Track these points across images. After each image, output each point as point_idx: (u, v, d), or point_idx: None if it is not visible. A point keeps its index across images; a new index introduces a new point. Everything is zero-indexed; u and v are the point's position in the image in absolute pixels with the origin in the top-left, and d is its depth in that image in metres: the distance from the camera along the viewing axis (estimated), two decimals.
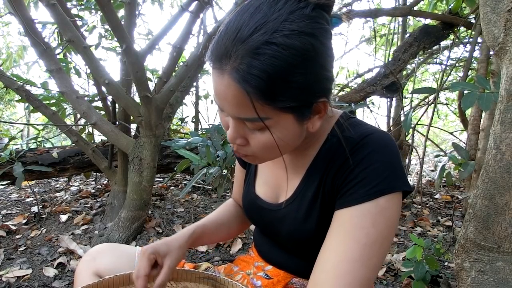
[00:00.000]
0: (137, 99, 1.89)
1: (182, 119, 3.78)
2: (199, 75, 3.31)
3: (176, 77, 1.83)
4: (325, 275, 0.52)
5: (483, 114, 2.08)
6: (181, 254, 0.68)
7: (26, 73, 4.71)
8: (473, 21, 2.65)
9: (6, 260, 1.68)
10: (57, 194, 2.74)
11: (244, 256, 0.87)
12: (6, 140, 2.99)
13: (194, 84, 3.45)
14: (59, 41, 2.50)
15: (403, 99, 3.19)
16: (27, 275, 1.53)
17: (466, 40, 3.00)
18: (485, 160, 0.99)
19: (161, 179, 3.27)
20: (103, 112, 2.41)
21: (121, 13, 2.38)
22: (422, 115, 3.14)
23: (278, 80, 0.47)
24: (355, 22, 4.09)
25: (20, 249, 1.78)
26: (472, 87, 1.39)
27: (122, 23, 1.77)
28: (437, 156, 3.94)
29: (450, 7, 2.95)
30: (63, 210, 2.25)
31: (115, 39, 2.07)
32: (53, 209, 2.28)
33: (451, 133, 4.37)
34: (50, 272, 1.55)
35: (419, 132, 3.54)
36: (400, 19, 3.38)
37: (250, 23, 0.47)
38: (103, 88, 2.27)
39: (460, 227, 1.86)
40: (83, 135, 2.72)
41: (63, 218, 2.12)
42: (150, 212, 2.17)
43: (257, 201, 0.73)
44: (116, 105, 2.17)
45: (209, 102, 4.36)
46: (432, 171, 4.23)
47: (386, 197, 0.53)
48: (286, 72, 0.47)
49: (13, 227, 2.01)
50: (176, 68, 2.21)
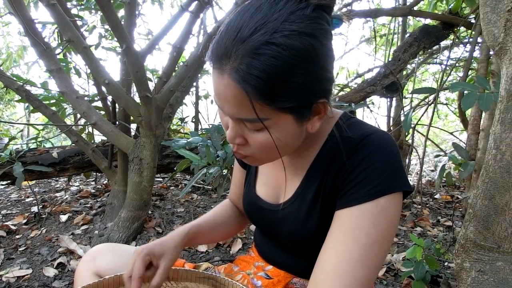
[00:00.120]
0: (137, 99, 1.89)
1: (182, 119, 3.78)
2: (199, 75, 3.31)
3: (176, 77, 1.83)
4: (325, 275, 0.52)
5: (483, 114, 2.08)
6: (176, 254, 0.68)
7: (26, 73, 4.71)
8: (473, 21, 2.65)
9: (6, 260, 1.68)
10: (57, 194, 2.74)
11: (244, 256, 0.87)
12: (6, 140, 2.99)
13: (194, 84, 3.45)
14: (59, 41, 2.51)
15: (403, 99, 3.19)
16: (27, 275, 1.53)
17: (466, 40, 3.00)
18: (485, 160, 0.99)
19: (161, 179, 3.27)
20: (103, 112, 2.41)
21: (121, 13, 2.38)
22: (422, 115, 3.14)
23: (277, 81, 0.47)
24: (355, 22, 4.10)
25: (20, 249, 1.78)
26: (472, 87, 1.39)
27: (122, 23, 1.77)
28: (437, 156, 3.94)
29: (450, 7, 2.95)
30: (63, 210, 2.25)
31: (115, 39, 2.07)
32: (53, 209, 2.28)
33: (451, 133, 4.37)
34: (50, 272, 1.55)
35: (419, 132, 3.54)
36: (400, 19, 3.38)
37: (250, 23, 0.47)
38: (103, 88, 2.27)
39: (460, 227, 1.86)
40: (83, 135, 2.72)
41: (63, 218, 2.12)
42: (150, 212, 2.17)
43: (257, 202, 0.73)
44: (116, 105, 2.17)
45: (209, 102, 4.36)
46: (432, 171, 4.23)
47: (387, 197, 0.53)
48: (286, 73, 0.47)
49: (13, 227, 2.01)
50: (176, 68, 2.21)
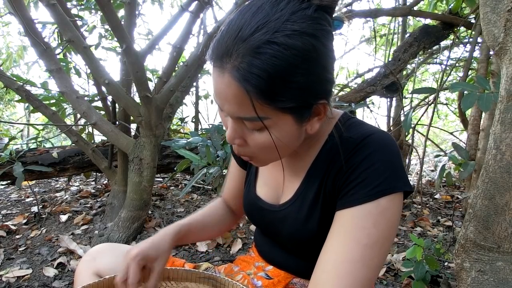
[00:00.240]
0: (137, 99, 1.89)
1: (182, 119, 3.77)
2: (199, 75, 3.31)
3: (176, 77, 1.83)
4: (326, 275, 0.52)
5: (483, 114, 2.08)
6: (169, 255, 0.68)
7: (26, 73, 4.71)
8: (473, 21, 2.65)
9: (6, 260, 1.68)
10: (57, 194, 2.74)
11: (244, 256, 0.87)
12: (6, 140, 2.99)
13: (194, 84, 3.45)
14: (59, 41, 2.50)
15: (403, 99, 3.19)
16: (27, 275, 1.53)
17: (466, 40, 3.00)
18: (485, 160, 0.99)
19: (161, 179, 3.27)
20: (103, 112, 2.41)
21: (121, 13, 2.38)
22: (422, 115, 3.14)
23: (278, 80, 0.47)
24: (355, 22, 4.09)
25: (20, 249, 1.78)
26: (472, 88, 1.39)
27: (122, 23, 1.77)
28: (437, 156, 3.94)
29: (450, 7, 2.95)
30: (63, 210, 2.25)
31: (115, 39, 2.07)
32: (53, 209, 2.28)
33: (451, 133, 4.37)
34: (50, 272, 1.55)
35: (419, 132, 3.54)
36: (400, 19, 3.38)
37: (251, 22, 0.47)
38: (103, 88, 2.27)
39: (460, 227, 1.86)
40: (83, 135, 2.72)
41: (63, 218, 2.12)
42: (150, 212, 2.17)
43: (258, 202, 0.73)
44: (116, 105, 2.17)
45: (209, 102, 4.36)
46: (432, 171, 4.23)
47: (387, 197, 0.53)
48: (287, 72, 0.47)
49: (13, 227, 2.01)
50: (176, 68, 2.21)
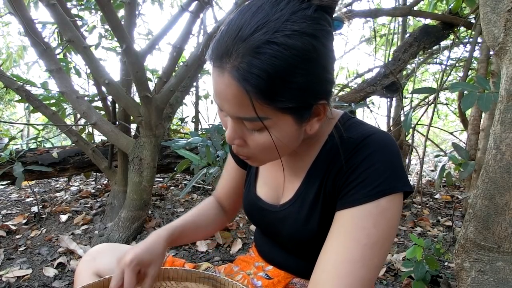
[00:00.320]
0: (137, 99, 1.89)
1: (182, 119, 3.77)
2: (199, 75, 3.31)
3: (176, 77, 1.83)
4: (325, 275, 0.52)
5: (483, 114, 2.08)
6: (163, 259, 0.68)
7: (26, 73, 4.71)
8: (473, 21, 2.65)
9: (6, 260, 1.68)
10: (57, 194, 2.74)
11: (244, 256, 0.86)
12: (6, 140, 2.99)
13: (194, 84, 3.45)
14: (59, 41, 2.51)
15: (403, 99, 3.19)
16: (27, 275, 1.53)
17: (466, 40, 3.00)
18: (485, 160, 0.99)
19: (161, 179, 3.27)
20: (103, 112, 2.41)
21: (121, 13, 2.38)
22: (422, 115, 3.14)
23: (278, 80, 0.47)
24: (355, 22, 4.09)
25: (20, 249, 1.78)
26: (472, 88, 1.39)
27: (122, 23, 1.77)
28: (437, 156, 3.94)
29: (450, 7, 2.95)
30: (63, 210, 2.25)
31: (115, 39, 2.07)
32: (53, 209, 2.28)
33: (451, 133, 4.37)
34: (50, 272, 1.55)
35: (419, 132, 3.54)
36: (400, 19, 3.38)
37: (251, 22, 0.47)
38: (103, 88, 2.27)
39: (460, 227, 1.86)
40: (83, 135, 2.72)
41: (63, 218, 2.12)
42: (150, 212, 2.17)
43: (258, 202, 0.73)
44: (116, 105, 2.17)
45: (209, 102, 4.36)
46: (432, 171, 4.23)
47: (387, 197, 0.53)
48: (286, 72, 0.47)
49: (13, 227, 2.01)
50: (176, 68, 2.21)
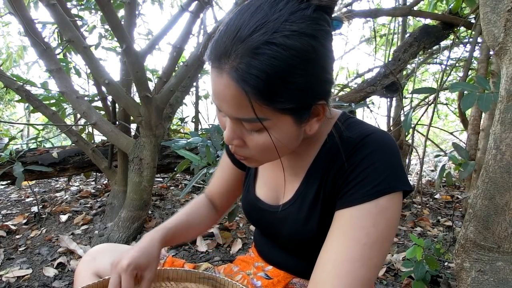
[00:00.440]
0: (137, 99, 1.89)
1: (182, 119, 3.77)
2: (199, 75, 3.31)
3: (176, 77, 1.83)
4: (325, 275, 0.52)
5: (483, 114, 2.08)
6: (158, 261, 0.67)
7: (26, 73, 4.71)
8: (473, 21, 2.65)
9: (6, 260, 1.68)
10: (57, 194, 2.74)
11: (244, 256, 0.86)
12: (6, 140, 2.99)
13: (194, 84, 3.45)
14: (59, 41, 2.51)
15: (403, 99, 3.19)
16: (27, 275, 1.53)
17: (466, 40, 3.00)
18: (485, 160, 0.99)
19: (161, 179, 3.27)
20: (103, 112, 2.41)
21: (121, 13, 2.38)
22: (422, 115, 3.14)
23: (277, 81, 0.47)
24: (355, 22, 4.10)
25: (20, 249, 1.78)
26: (472, 88, 1.39)
27: (122, 23, 1.77)
28: (437, 156, 3.94)
29: (450, 7, 2.95)
30: (63, 210, 2.25)
31: (115, 39, 2.07)
32: (53, 209, 2.28)
33: (451, 133, 4.37)
34: (50, 272, 1.55)
35: (419, 132, 3.54)
36: (400, 19, 3.38)
37: (250, 22, 0.47)
38: (103, 88, 2.27)
39: (460, 227, 1.86)
40: (83, 135, 2.72)
41: (63, 218, 2.12)
42: (150, 212, 2.17)
43: (257, 203, 0.73)
44: (116, 105, 2.17)
45: (209, 102, 4.36)
46: (432, 171, 4.23)
47: (387, 197, 0.53)
48: (286, 73, 0.47)
49: (13, 227, 2.01)
50: (176, 68, 2.21)
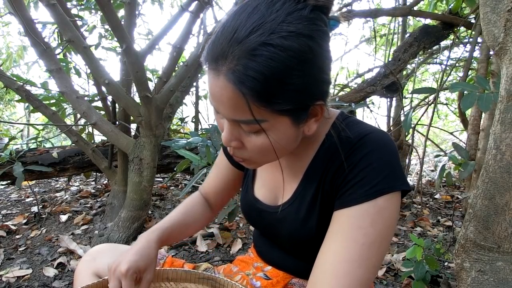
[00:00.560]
0: (137, 99, 1.89)
1: (182, 119, 3.77)
2: (199, 75, 3.31)
3: (176, 77, 1.83)
4: (323, 275, 0.52)
5: (483, 114, 2.08)
6: (156, 262, 0.67)
7: (26, 73, 4.71)
8: (473, 21, 2.65)
9: (6, 260, 1.68)
10: (57, 194, 2.74)
11: (243, 256, 0.86)
12: (6, 140, 2.99)
13: (194, 84, 3.45)
14: (59, 41, 2.51)
15: (403, 99, 3.18)
16: (27, 275, 1.53)
17: (466, 40, 3.00)
18: (485, 160, 0.99)
19: (161, 179, 3.27)
20: (103, 112, 2.41)
21: (121, 13, 2.38)
22: (422, 115, 3.14)
23: (274, 82, 0.46)
24: (355, 22, 4.10)
25: (20, 249, 1.78)
26: (472, 88, 1.39)
27: (122, 23, 1.77)
28: (437, 156, 3.94)
29: (450, 7, 2.95)
30: (63, 210, 2.25)
31: (115, 39, 2.07)
32: (53, 209, 2.28)
33: (451, 133, 4.36)
34: (50, 272, 1.55)
35: (419, 132, 3.53)
36: (400, 19, 3.38)
37: (247, 23, 0.46)
38: (103, 88, 2.27)
39: (460, 227, 1.86)
40: (83, 135, 2.72)
41: (63, 218, 2.12)
42: (150, 212, 2.17)
43: (256, 204, 0.73)
44: (116, 105, 2.17)
45: (209, 102, 4.34)
46: (432, 171, 4.23)
47: (385, 197, 0.53)
48: (283, 74, 0.46)
49: (13, 227, 2.01)
50: (176, 68, 2.21)
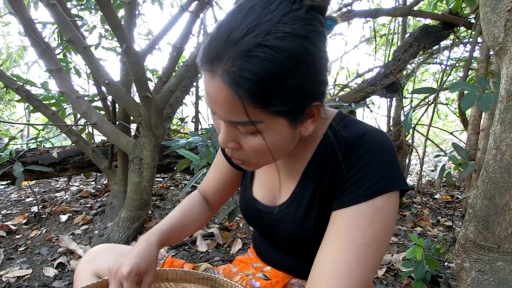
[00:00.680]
0: (137, 99, 1.89)
1: (182, 119, 3.78)
2: (199, 75, 3.31)
3: (176, 77, 1.83)
4: (322, 276, 0.52)
5: (483, 114, 2.08)
6: (156, 264, 0.67)
7: (26, 73, 4.72)
8: (473, 21, 2.65)
9: (6, 260, 1.68)
10: (57, 194, 2.74)
11: (242, 257, 0.86)
12: (6, 140, 2.99)
13: (194, 84, 3.45)
14: (59, 41, 2.51)
15: (403, 99, 3.18)
16: (27, 275, 1.53)
17: (466, 40, 3.00)
18: (485, 160, 0.99)
19: (161, 179, 3.27)
20: (103, 112, 2.41)
21: (121, 13, 2.38)
22: (422, 115, 3.14)
23: (270, 84, 0.46)
24: (355, 22, 4.09)
25: (20, 249, 1.78)
26: (472, 88, 1.39)
27: (122, 23, 1.77)
28: (437, 156, 3.94)
29: (450, 7, 2.95)
30: (63, 210, 2.25)
31: (115, 39, 2.07)
32: (53, 209, 2.28)
33: (451, 133, 4.36)
34: (50, 272, 1.55)
35: (419, 132, 3.53)
36: (400, 19, 3.38)
37: (242, 24, 0.46)
38: (103, 88, 2.27)
39: (460, 227, 1.86)
40: (83, 135, 2.72)
41: (63, 218, 2.12)
42: (150, 212, 2.17)
43: (254, 204, 0.73)
44: (116, 105, 2.17)
45: None
46: (432, 171, 4.23)
47: (383, 196, 0.53)
48: (279, 75, 0.46)
49: (13, 227, 2.01)
50: (176, 68, 2.21)
